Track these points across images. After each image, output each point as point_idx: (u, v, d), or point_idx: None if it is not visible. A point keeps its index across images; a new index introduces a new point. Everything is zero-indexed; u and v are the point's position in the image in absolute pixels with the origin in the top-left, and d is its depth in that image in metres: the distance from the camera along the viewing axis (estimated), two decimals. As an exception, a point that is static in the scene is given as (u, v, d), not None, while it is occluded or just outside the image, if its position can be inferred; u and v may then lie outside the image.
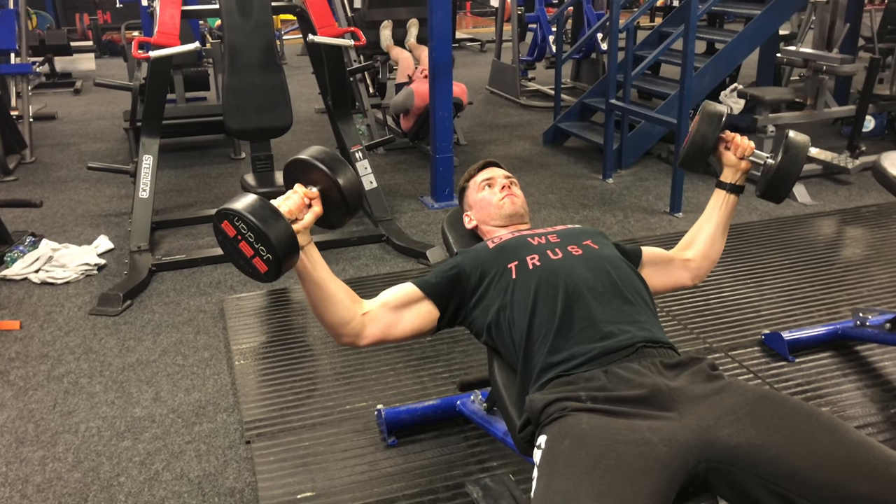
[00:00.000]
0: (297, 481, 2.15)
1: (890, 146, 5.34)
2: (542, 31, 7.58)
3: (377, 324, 1.66)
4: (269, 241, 1.39)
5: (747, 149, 1.89)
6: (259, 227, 1.39)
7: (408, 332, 1.71)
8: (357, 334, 1.64)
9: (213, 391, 2.63)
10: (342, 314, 1.61)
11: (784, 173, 1.82)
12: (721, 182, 1.94)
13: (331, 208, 1.58)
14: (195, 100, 6.74)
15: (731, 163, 1.91)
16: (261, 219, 1.40)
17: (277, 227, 1.41)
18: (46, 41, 8.06)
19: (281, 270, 1.43)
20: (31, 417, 2.50)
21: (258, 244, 1.41)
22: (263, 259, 1.41)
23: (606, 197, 4.58)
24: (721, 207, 1.93)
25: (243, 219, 1.40)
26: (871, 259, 3.58)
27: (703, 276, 1.94)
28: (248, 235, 1.41)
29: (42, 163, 5.49)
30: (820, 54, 4.92)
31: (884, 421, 2.38)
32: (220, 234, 1.45)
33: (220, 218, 1.44)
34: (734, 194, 1.93)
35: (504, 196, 1.95)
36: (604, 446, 1.31)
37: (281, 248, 1.40)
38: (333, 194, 1.55)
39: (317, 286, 1.57)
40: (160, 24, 3.71)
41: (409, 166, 5.28)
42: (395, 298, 1.71)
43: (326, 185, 1.55)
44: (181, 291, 3.41)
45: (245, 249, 1.42)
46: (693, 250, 1.93)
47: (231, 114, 3.56)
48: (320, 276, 1.57)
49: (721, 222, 1.93)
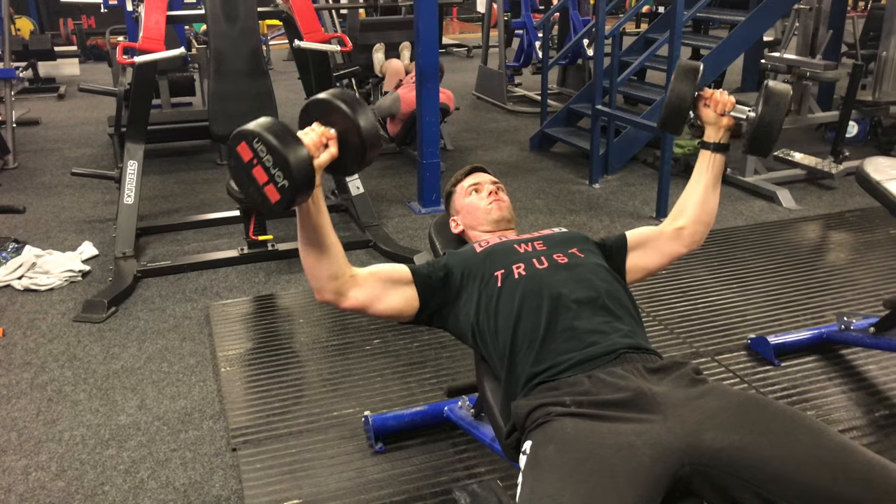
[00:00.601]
0: (283, 488, 2.14)
1: (873, 151, 5.39)
2: (528, 37, 7.61)
3: (363, 290, 1.64)
4: (287, 165, 1.34)
5: (727, 104, 1.80)
6: (280, 149, 1.34)
7: (388, 310, 1.69)
8: (341, 293, 1.61)
9: (199, 398, 2.61)
10: (334, 268, 1.58)
11: (767, 124, 1.72)
12: (705, 142, 1.85)
13: (347, 152, 1.51)
14: (181, 105, 6.72)
15: (712, 120, 1.83)
16: (283, 142, 1.35)
17: (298, 153, 1.36)
18: (30, 46, 8.00)
19: (293, 200, 1.38)
20: (14, 426, 2.47)
21: (275, 169, 1.35)
22: (278, 186, 1.36)
23: (593, 202, 4.59)
24: (708, 168, 1.85)
25: (264, 140, 1.34)
26: (855, 263, 3.61)
27: (700, 240, 1.87)
28: (265, 159, 1.35)
29: (25, 168, 5.45)
30: (803, 60, 4.96)
31: (869, 424, 2.39)
32: (233, 159, 1.39)
33: (237, 139, 1.38)
34: (720, 153, 1.84)
35: (491, 201, 1.95)
36: (587, 450, 1.31)
37: (298, 174, 1.35)
38: (352, 138, 1.49)
39: (315, 232, 1.54)
40: (145, 29, 3.69)
41: (395, 171, 5.28)
42: (386, 273, 1.69)
43: (346, 128, 1.49)
44: (166, 298, 3.39)
45: (259, 175, 1.36)
46: (684, 217, 1.86)
47: (217, 119, 3.55)
48: (322, 222, 1.54)
49: (710, 183, 1.85)
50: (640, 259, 1.84)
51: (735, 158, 4.95)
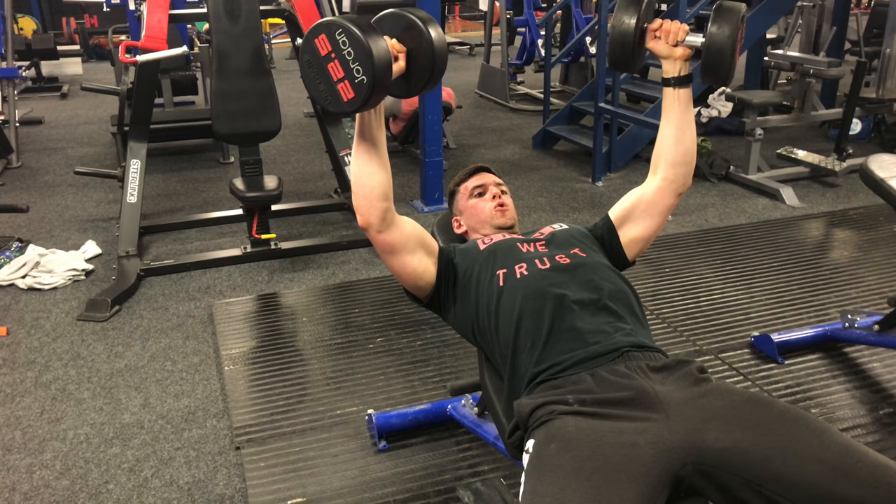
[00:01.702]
0: (287, 487, 2.14)
1: (876, 149, 5.38)
2: (530, 35, 7.60)
3: (401, 232, 1.65)
4: (371, 59, 1.30)
5: (678, 32, 1.66)
6: (364, 42, 1.30)
7: (411, 268, 1.69)
8: (385, 220, 1.61)
9: (203, 397, 2.61)
10: (385, 187, 1.59)
11: (720, 45, 1.58)
12: (665, 79, 1.72)
13: (415, 70, 1.48)
14: (183, 104, 6.72)
15: (665, 53, 1.69)
16: (368, 35, 1.31)
17: (380, 48, 1.33)
18: (33, 45, 8.01)
19: (368, 100, 1.34)
20: (19, 425, 2.48)
21: (355, 63, 1.31)
22: (355, 82, 1.32)
23: (596, 200, 4.58)
24: (675, 105, 1.72)
25: (348, 32, 1.31)
26: (858, 261, 3.60)
27: (686, 182, 1.77)
28: (345, 52, 1.31)
29: (29, 168, 5.45)
30: (807, 58, 4.96)
31: (873, 423, 2.39)
32: (307, 53, 1.35)
33: (318, 31, 1.34)
34: (683, 87, 1.71)
35: (495, 206, 1.94)
36: (590, 449, 1.31)
37: (380, 69, 1.31)
38: (421, 58, 1.46)
39: (374, 145, 1.55)
40: (147, 27, 3.69)
41: (398, 170, 5.27)
42: (423, 235, 1.72)
43: (416, 45, 1.46)
44: (170, 297, 3.39)
45: (334, 71, 1.33)
46: (663, 163, 1.75)
47: (219, 118, 3.55)
48: (380, 136, 1.54)
49: (681, 119, 1.72)
50: (633, 231, 1.79)
51: (738, 157, 4.95)
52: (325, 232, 4.14)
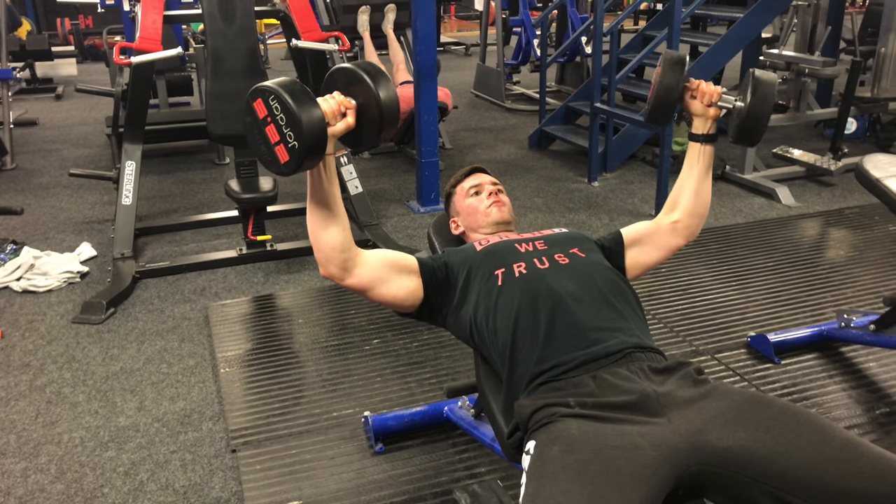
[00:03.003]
0: (283, 490, 2.13)
1: (872, 148, 5.39)
2: (526, 35, 7.59)
3: (369, 269, 1.63)
4: (300, 125, 1.34)
5: (714, 94, 1.78)
6: (294, 109, 1.34)
7: (390, 296, 1.68)
8: (347, 268, 1.60)
9: (199, 399, 2.60)
10: (341, 240, 1.57)
11: (755, 114, 1.70)
12: (694, 134, 1.84)
13: (364, 125, 1.52)
14: (178, 105, 6.70)
15: (700, 111, 1.81)
16: (298, 102, 1.35)
17: (311, 114, 1.36)
18: (27, 46, 7.98)
19: (302, 163, 1.38)
20: (13, 428, 2.46)
21: (287, 129, 1.36)
22: (288, 147, 1.36)
23: (592, 200, 4.58)
24: (699, 160, 1.84)
25: (280, 99, 1.35)
26: (854, 260, 3.61)
27: (696, 231, 1.88)
28: (279, 117, 1.36)
29: (23, 169, 5.43)
30: (802, 57, 4.96)
31: (869, 422, 2.39)
32: (248, 115, 1.41)
33: (254, 95, 1.39)
34: (709, 144, 1.83)
35: (491, 203, 1.94)
36: (593, 452, 1.31)
37: (310, 136, 1.35)
38: (371, 111, 1.49)
39: (324, 201, 1.54)
40: (142, 29, 3.67)
41: (394, 171, 5.27)
42: (394, 260, 1.69)
43: (366, 100, 1.49)
44: (165, 299, 3.38)
45: (271, 134, 1.38)
46: (679, 210, 1.86)
47: (214, 119, 3.54)
48: (332, 191, 1.53)
49: (701, 174, 1.84)
50: (638, 256, 1.84)
51: (734, 156, 4.95)
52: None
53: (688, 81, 1.81)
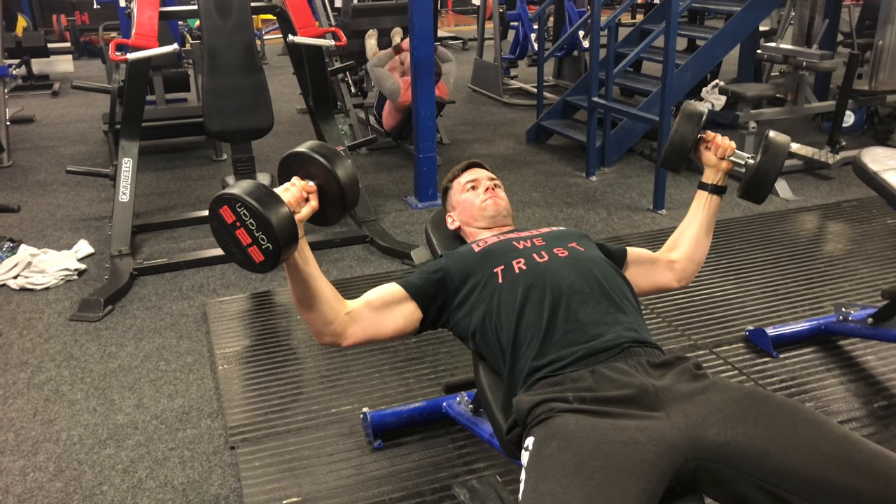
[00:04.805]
0: (282, 486, 2.13)
1: (869, 141, 5.39)
2: (523, 29, 7.59)
3: (360, 324, 1.64)
4: (271, 228, 1.35)
5: (727, 149, 1.87)
6: (262, 213, 1.34)
7: (391, 332, 1.69)
8: (340, 334, 1.62)
9: (197, 396, 2.60)
10: (327, 313, 1.58)
11: (764, 174, 1.80)
12: (703, 183, 1.92)
13: (327, 204, 1.54)
14: (175, 101, 6.69)
15: (712, 163, 1.90)
16: (265, 205, 1.35)
17: (280, 215, 1.37)
18: (23, 43, 7.95)
19: (278, 261, 1.39)
20: (11, 426, 2.46)
21: (258, 232, 1.36)
22: (262, 248, 1.37)
23: (590, 195, 4.58)
24: (704, 209, 1.91)
25: (246, 205, 1.35)
26: (852, 254, 3.61)
27: (690, 277, 1.94)
28: (248, 222, 1.36)
29: (20, 166, 5.42)
30: (800, 50, 4.95)
31: (868, 415, 2.39)
32: (215, 220, 1.40)
33: (219, 203, 1.39)
34: (717, 195, 1.91)
35: (488, 198, 1.94)
36: (591, 447, 1.31)
37: (282, 236, 1.36)
38: (331, 189, 1.51)
39: (305, 283, 1.54)
40: (138, 25, 3.66)
41: (392, 166, 5.26)
42: (379, 298, 1.69)
43: (325, 180, 1.51)
44: (163, 296, 3.37)
45: (242, 237, 1.38)
46: (678, 252, 1.92)
47: (211, 115, 3.53)
48: (310, 272, 1.54)
49: (704, 223, 1.91)
50: (634, 276, 1.85)
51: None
52: (318, 229, 4.12)
53: (703, 133, 1.88)
